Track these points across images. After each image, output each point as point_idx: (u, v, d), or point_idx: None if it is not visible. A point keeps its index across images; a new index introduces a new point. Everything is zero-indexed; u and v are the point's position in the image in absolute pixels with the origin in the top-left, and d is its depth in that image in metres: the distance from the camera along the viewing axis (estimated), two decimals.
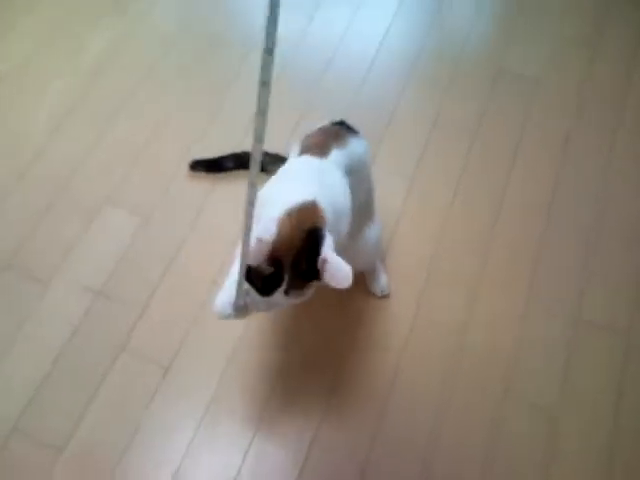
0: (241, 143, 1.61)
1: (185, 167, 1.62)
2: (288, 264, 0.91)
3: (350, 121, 1.22)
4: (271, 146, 1.56)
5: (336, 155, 1.11)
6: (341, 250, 0.95)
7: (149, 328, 1.40)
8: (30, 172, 1.63)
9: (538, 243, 1.52)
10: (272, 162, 1.48)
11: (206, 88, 1.78)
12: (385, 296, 1.43)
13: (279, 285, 0.92)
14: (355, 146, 1.17)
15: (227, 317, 1.00)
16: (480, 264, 1.49)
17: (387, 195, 1.50)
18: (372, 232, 1.26)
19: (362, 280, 1.42)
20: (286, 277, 0.92)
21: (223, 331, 1.39)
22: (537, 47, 1.88)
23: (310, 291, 0.97)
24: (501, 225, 1.54)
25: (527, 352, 1.37)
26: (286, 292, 0.93)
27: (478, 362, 1.36)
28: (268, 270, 0.90)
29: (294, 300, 0.96)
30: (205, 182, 1.60)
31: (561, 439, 1.28)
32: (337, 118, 1.24)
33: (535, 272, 1.47)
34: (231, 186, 1.60)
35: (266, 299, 0.95)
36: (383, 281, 1.42)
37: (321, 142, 1.13)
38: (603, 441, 1.28)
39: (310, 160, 1.09)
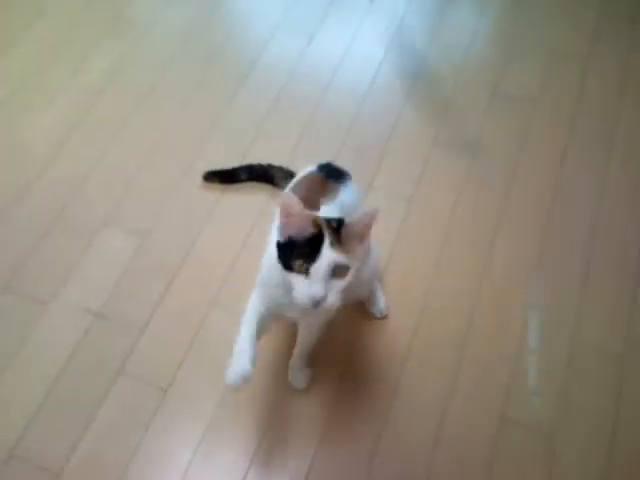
0: (243, 160, 1.63)
1: (186, 185, 1.63)
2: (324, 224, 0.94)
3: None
4: (276, 160, 1.58)
5: (325, 211, 1.09)
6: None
7: (148, 350, 1.39)
8: (29, 193, 1.63)
9: (536, 263, 1.52)
10: (282, 177, 1.48)
11: (206, 106, 1.80)
12: (384, 317, 1.43)
13: (321, 242, 0.92)
14: (345, 197, 1.16)
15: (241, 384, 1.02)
16: (478, 282, 1.49)
17: (386, 213, 1.50)
18: (369, 264, 1.24)
19: (360, 302, 1.42)
20: (326, 232, 0.93)
21: (222, 353, 1.38)
22: (533, 63, 1.90)
23: (359, 250, 0.96)
24: (499, 243, 1.55)
25: (524, 375, 1.37)
26: (331, 245, 0.92)
27: (476, 381, 1.36)
28: (310, 232, 0.92)
29: (340, 257, 0.93)
30: (206, 202, 1.61)
31: (558, 463, 1.28)
32: (324, 160, 1.26)
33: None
34: (233, 206, 1.60)
35: (315, 269, 0.92)
36: (381, 303, 1.42)
37: (307, 199, 1.08)
38: (600, 462, 1.28)
39: None
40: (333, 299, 0.94)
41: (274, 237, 1.01)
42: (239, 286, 1.46)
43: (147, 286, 1.48)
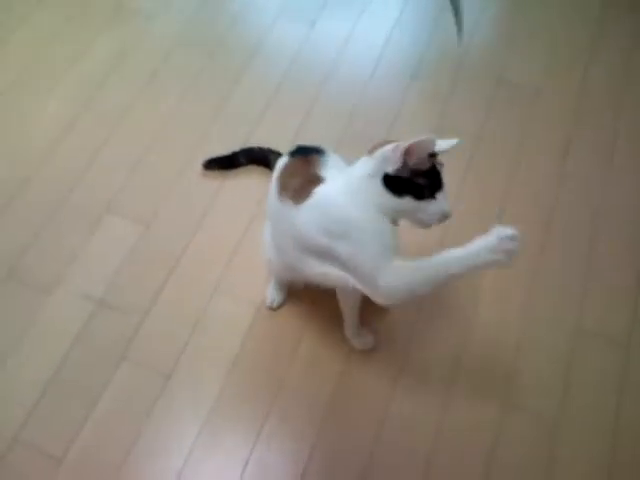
0: (245, 147, 1.63)
1: (188, 173, 1.63)
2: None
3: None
4: (277, 146, 1.58)
5: (333, 178, 1.12)
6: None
7: (150, 336, 1.39)
8: (32, 181, 1.63)
9: (538, 253, 1.51)
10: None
11: (208, 94, 1.80)
12: None
13: (436, 171, 1.05)
14: (336, 162, 1.19)
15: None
16: (480, 273, 1.48)
17: None
18: None
19: None
20: (437, 164, 1.06)
21: (224, 339, 1.39)
22: (536, 53, 1.89)
23: None
24: None
25: (527, 362, 1.37)
26: None
27: (478, 372, 1.36)
28: (428, 166, 1.04)
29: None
30: (207, 189, 1.61)
31: (562, 450, 1.27)
32: (293, 147, 1.28)
33: (534, 282, 1.47)
34: (234, 193, 1.60)
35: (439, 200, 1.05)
36: None
37: (306, 182, 1.12)
38: (603, 451, 1.27)
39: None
40: None
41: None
42: (241, 272, 1.47)
43: (149, 273, 1.48)
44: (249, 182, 1.62)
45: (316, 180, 1.10)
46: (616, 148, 1.69)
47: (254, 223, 1.53)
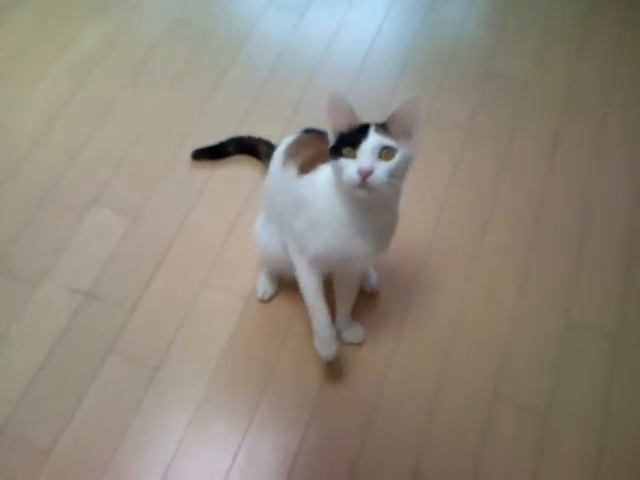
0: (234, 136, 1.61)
1: (176, 163, 1.62)
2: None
3: None
4: (267, 136, 1.56)
5: None
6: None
7: (138, 328, 1.38)
8: (16, 174, 1.61)
9: (528, 245, 1.52)
10: (267, 153, 1.48)
11: (196, 84, 1.79)
12: (375, 293, 1.42)
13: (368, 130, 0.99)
14: None
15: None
16: (470, 265, 1.49)
17: None
18: None
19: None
20: (372, 123, 1.01)
21: (214, 330, 1.39)
22: (525, 45, 1.89)
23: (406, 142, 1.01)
24: (492, 225, 1.55)
25: (516, 354, 1.37)
26: (377, 131, 0.99)
27: (467, 364, 1.36)
28: (358, 123, 1.01)
29: (386, 139, 0.99)
30: (196, 180, 1.60)
31: (550, 441, 1.28)
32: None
33: (525, 274, 1.48)
34: (223, 184, 1.59)
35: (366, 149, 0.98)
36: (373, 278, 1.41)
37: (318, 155, 1.13)
38: (592, 442, 1.28)
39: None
40: (381, 174, 0.97)
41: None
42: (230, 264, 1.47)
43: (137, 265, 1.47)
44: (239, 172, 1.61)
45: (321, 161, 1.11)
46: (605, 142, 1.70)
47: (244, 214, 1.52)
